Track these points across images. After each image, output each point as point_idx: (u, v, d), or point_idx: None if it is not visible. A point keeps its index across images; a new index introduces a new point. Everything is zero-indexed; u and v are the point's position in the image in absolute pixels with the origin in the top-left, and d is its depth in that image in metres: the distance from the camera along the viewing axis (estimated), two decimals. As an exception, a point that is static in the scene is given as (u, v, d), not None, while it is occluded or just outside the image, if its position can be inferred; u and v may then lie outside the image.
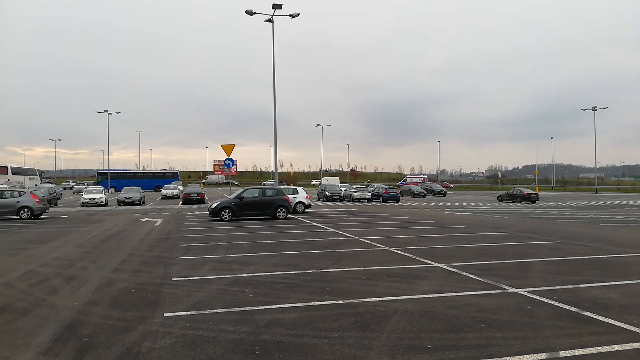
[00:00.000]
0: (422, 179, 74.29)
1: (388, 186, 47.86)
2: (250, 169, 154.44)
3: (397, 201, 39.67)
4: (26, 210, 21.59)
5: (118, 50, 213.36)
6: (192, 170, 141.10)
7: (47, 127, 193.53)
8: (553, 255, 10.74)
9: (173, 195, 44.63)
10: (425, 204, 38.15)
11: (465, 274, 8.52)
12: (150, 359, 4.41)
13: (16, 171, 59.04)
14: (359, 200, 39.67)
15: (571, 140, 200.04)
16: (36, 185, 48.92)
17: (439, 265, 9.45)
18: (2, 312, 6.04)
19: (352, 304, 6.43)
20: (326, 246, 12.29)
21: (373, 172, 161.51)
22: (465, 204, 38.56)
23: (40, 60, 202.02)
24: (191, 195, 36.51)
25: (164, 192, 45.88)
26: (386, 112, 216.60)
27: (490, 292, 7.12)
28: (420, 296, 6.88)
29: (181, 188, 50.57)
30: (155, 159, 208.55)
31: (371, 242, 12.94)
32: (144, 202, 36.05)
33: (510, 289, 7.24)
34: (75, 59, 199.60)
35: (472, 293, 7.07)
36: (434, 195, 56.64)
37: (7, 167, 58.59)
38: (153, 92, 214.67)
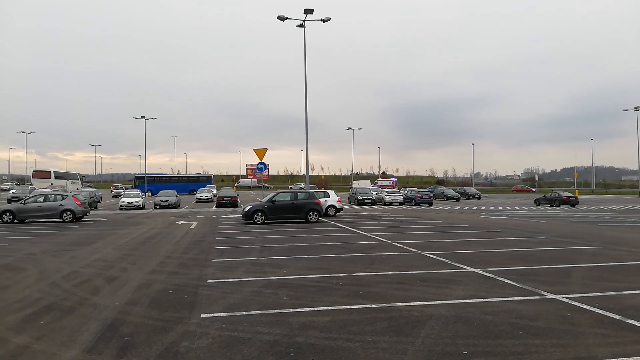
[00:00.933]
0: (391, 181, 73.43)
1: (420, 189, 47.27)
2: (281, 173, 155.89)
3: (430, 205, 39.14)
4: (69, 213, 22.47)
5: (153, 59, 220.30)
6: (225, 174, 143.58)
7: (86, 133, 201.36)
8: (594, 261, 10.38)
9: (207, 198, 45.49)
10: (459, 207, 37.50)
11: (501, 279, 8.34)
12: (188, 359, 4.53)
13: (59, 175, 61.59)
14: (390, 203, 39.36)
15: (613, 141, 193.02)
16: (77, 189, 50.80)
17: (474, 270, 9.28)
18: (50, 311, 6.32)
19: (386, 308, 6.40)
20: (358, 250, 12.27)
21: (405, 175, 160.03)
22: (500, 207, 37.68)
23: (81, 68, 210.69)
24: (225, 198, 37.13)
25: (198, 195, 46.82)
26: (417, 115, 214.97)
27: (528, 298, 6.95)
28: (455, 301, 6.78)
29: (215, 192, 51.50)
30: (190, 163, 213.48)
31: (404, 246, 12.83)
32: (179, 206, 36.89)
33: (550, 295, 7.04)
34: (113, 68, 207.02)
35: (509, 299, 6.91)
36: (468, 198, 55.58)
37: (50, 171, 61.22)
38: (187, 99, 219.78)
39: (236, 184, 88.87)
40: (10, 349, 4.82)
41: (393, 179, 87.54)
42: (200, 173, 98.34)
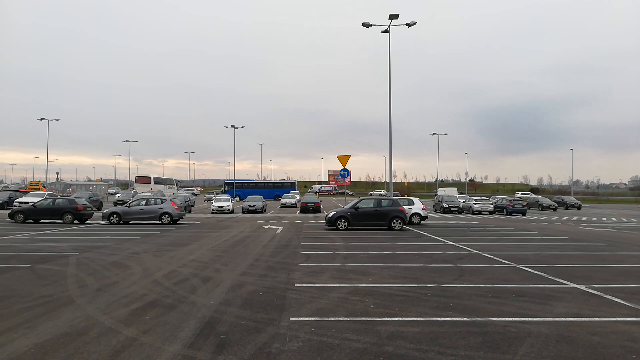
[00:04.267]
0: (332, 187, 69.73)
1: (512, 198, 44.63)
2: (363, 179, 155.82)
3: (524, 214, 36.81)
4: (167, 216, 24.21)
5: (226, 70, 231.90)
6: (308, 180, 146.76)
7: (178, 141, 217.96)
8: None
9: (291, 204, 46.68)
10: (556, 217, 34.87)
11: (608, 297, 7.60)
12: (280, 361, 4.64)
13: (157, 181, 66.72)
14: (479, 212, 37.62)
15: None
16: (173, 193, 54.62)
17: (577, 286, 8.55)
18: (153, 307, 6.82)
19: (479, 322, 6.09)
20: (446, 260, 11.84)
21: (494, 182, 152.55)
22: (604, 218, 34.44)
23: (167, 81, 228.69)
24: (308, 204, 37.85)
25: (283, 201, 48.21)
26: (500, 118, 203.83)
27: (643, 320, 6.25)
28: (557, 319, 6.29)
29: (298, 197, 52.72)
30: (273, 170, 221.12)
31: (496, 258, 12.17)
32: (265, 211, 38.21)
33: (670, 319, 6.27)
34: (199, 81, 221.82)
35: (619, 319, 6.28)
36: (567, 208, 51.55)
37: (150, 177, 66.55)
38: (264, 107, 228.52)
39: (309, 191, 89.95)
40: (121, 340, 5.27)
41: (334, 185, 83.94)
42: (284, 179, 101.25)
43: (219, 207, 36.04)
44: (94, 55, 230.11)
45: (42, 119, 61.53)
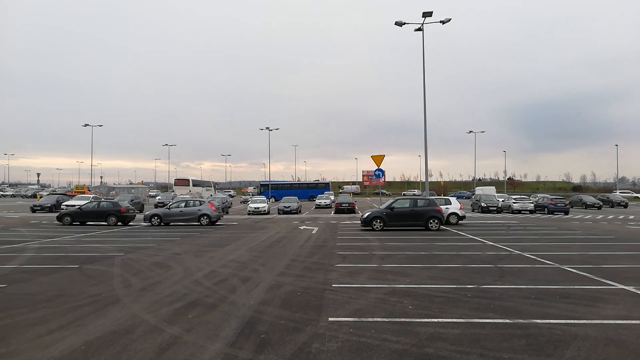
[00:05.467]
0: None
1: (554, 196, 43.14)
2: (398, 179, 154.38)
3: (566, 213, 35.54)
4: (205, 217, 24.74)
5: (269, 73, 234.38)
6: (342, 180, 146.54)
7: (213, 144, 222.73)
8: None
9: (326, 204, 46.76)
10: (601, 216, 33.48)
11: (662, 300, 7.25)
12: (320, 360, 4.68)
13: (195, 183, 68.19)
14: (519, 211, 36.59)
15: None
16: (211, 195, 55.72)
17: (626, 287, 8.20)
18: (196, 306, 7.00)
19: (522, 324, 5.94)
20: (486, 261, 11.59)
21: (535, 180, 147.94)
22: (654, 217, 32.81)
23: (200, 85, 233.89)
24: (342, 205, 37.82)
25: (317, 201, 48.36)
26: (539, 113, 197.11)
27: (700, 324, 5.93)
28: (605, 321, 6.06)
29: (333, 198, 52.74)
30: (305, 171, 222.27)
31: (538, 259, 11.82)
32: (300, 211, 38.45)
33: None
34: (231, 84, 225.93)
35: (674, 324, 5.97)
36: (612, 207, 49.41)
37: (189, 179, 68.08)
38: (303, 108, 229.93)
39: (341, 191, 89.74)
40: (165, 338, 5.44)
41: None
42: (318, 180, 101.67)
43: (255, 208, 36.53)
44: (129, 63, 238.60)
45: (86, 125, 64.22)
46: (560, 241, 16.29)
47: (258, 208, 36.46)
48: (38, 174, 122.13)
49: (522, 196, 45.09)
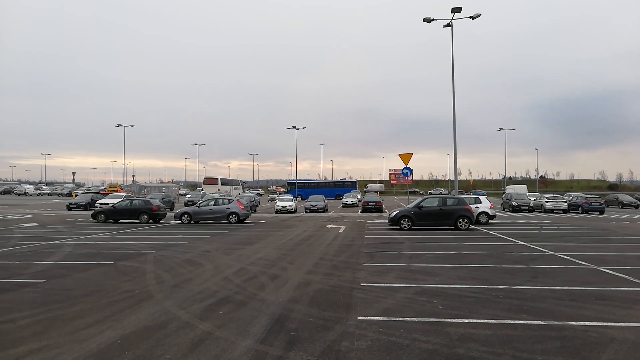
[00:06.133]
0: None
1: (589, 195, 41.84)
2: (425, 177, 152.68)
3: (602, 213, 34.41)
4: (234, 215, 25.07)
5: (295, 72, 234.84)
6: (368, 179, 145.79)
7: (240, 143, 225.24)
8: None
9: (352, 203, 46.68)
10: (638, 216, 32.29)
11: None
12: (349, 359, 4.69)
13: (224, 182, 69.16)
14: (552, 211, 35.64)
15: None
16: (239, 194, 56.40)
17: (667, 290, 7.89)
18: (226, 303, 7.12)
19: (556, 326, 5.80)
20: (517, 261, 11.35)
21: (568, 179, 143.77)
22: (696, 217, 31.41)
23: (226, 85, 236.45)
24: (370, 203, 37.66)
25: (344, 200, 48.31)
26: (571, 110, 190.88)
27: None
28: (644, 325, 5.85)
29: (359, 197, 52.59)
30: (332, 169, 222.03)
31: (572, 259, 11.50)
32: (327, 210, 38.50)
33: None
34: (257, 84, 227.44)
35: None
36: (650, 206, 47.50)
37: (217, 178, 69.12)
38: (328, 107, 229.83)
39: (365, 189, 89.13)
40: (197, 334, 5.55)
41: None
42: (345, 179, 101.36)
43: (282, 206, 36.79)
44: (159, 63, 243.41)
45: (119, 125, 65.95)
46: (595, 241, 15.80)
47: (285, 206, 36.70)
48: (73, 173, 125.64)
49: (554, 195, 43.89)
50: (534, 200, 38.67)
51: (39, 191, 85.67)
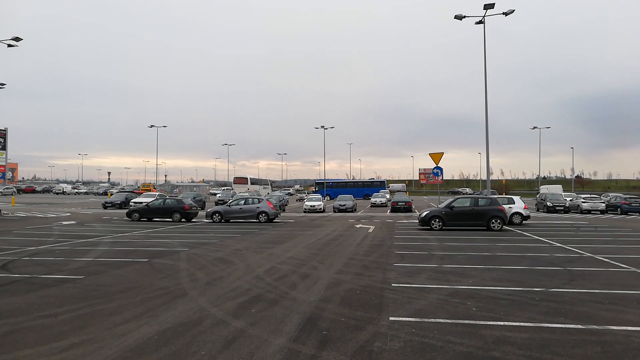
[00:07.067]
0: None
1: (628, 195, 40.28)
2: (456, 177, 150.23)
3: (642, 214, 33.08)
4: (263, 215, 25.31)
5: (321, 72, 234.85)
6: (397, 178, 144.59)
7: (268, 143, 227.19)
8: None
9: (381, 203, 46.43)
10: (682, 218, 30.87)
11: None
12: (382, 359, 4.66)
13: (253, 181, 69.97)
14: (588, 211, 34.49)
15: None
16: (268, 193, 56.94)
17: None
18: (258, 301, 7.19)
19: (596, 330, 5.61)
20: (554, 263, 11.04)
21: (606, 179, 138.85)
22: None
23: (253, 85, 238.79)
24: (399, 203, 37.36)
25: (372, 200, 48.10)
26: (608, 107, 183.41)
27: None
28: (692, 332, 5.59)
29: (388, 196, 52.25)
30: (361, 169, 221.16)
31: (612, 262, 11.10)
32: (355, 210, 38.40)
33: None
34: (283, 85, 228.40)
35: None
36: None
37: (247, 178, 70.02)
38: (356, 105, 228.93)
39: (387, 188, 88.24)
40: (231, 331, 5.63)
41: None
42: (373, 178, 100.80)
43: (310, 206, 36.92)
44: (187, 66, 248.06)
45: (151, 126, 67.55)
46: (636, 243, 15.20)
47: (314, 206, 36.81)
48: (109, 173, 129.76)
49: (592, 195, 42.43)
50: (570, 200, 37.52)
51: (76, 190, 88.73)
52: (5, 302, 7.18)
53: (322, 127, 68.99)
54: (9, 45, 32.07)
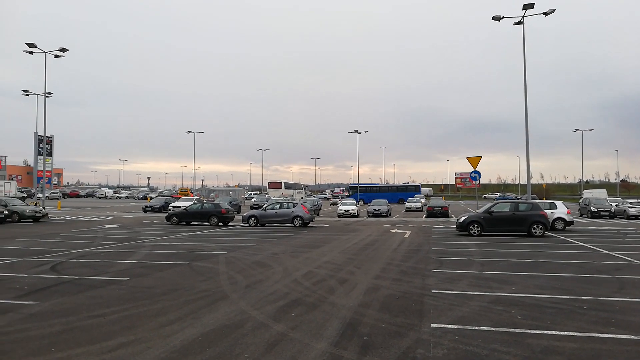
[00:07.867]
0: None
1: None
2: (494, 181, 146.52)
3: (695, 220, 31.33)
4: (298, 219, 25.46)
5: (350, 75, 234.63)
6: (432, 183, 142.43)
7: (300, 147, 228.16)
8: None
9: (416, 208, 45.81)
10: None
11: None
12: (426, 367, 4.60)
13: (287, 186, 70.51)
14: (636, 217, 32.96)
15: None
16: (302, 197, 57.22)
17: None
18: (297, 305, 7.24)
19: (652, 342, 5.35)
20: (601, 270, 10.61)
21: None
22: None
23: (284, 90, 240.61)
24: (435, 208, 36.80)
25: (408, 204, 47.52)
26: None
27: None
28: None
29: (424, 201, 51.53)
30: (394, 173, 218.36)
31: (665, 270, 10.57)
32: (390, 214, 38.07)
33: None
34: (315, 89, 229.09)
35: None
36: None
37: (281, 182, 70.64)
38: (389, 109, 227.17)
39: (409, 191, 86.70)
40: (273, 334, 5.69)
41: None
42: (408, 183, 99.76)
43: (345, 210, 36.85)
44: (221, 72, 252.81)
45: (189, 132, 69.28)
46: (691, 251, 14.41)
47: (348, 210, 36.73)
48: (148, 178, 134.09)
49: (639, 200, 40.49)
50: (616, 205, 35.95)
51: (117, 194, 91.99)
52: (56, 302, 7.51)
53: (356, 131, 68.93)
54: (56, 56, 33.72)
